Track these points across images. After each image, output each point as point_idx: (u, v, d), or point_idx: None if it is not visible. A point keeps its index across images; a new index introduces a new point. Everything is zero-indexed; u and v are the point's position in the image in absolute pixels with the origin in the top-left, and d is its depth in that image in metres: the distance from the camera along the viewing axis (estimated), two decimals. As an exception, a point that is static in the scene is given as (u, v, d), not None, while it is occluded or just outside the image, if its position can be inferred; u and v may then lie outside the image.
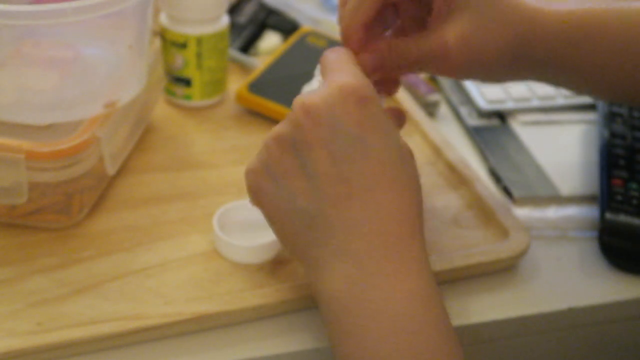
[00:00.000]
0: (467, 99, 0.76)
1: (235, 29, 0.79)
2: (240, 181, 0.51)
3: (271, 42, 0.81)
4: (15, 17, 0.51)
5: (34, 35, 0.57)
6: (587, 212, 0.64)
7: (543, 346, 0.58)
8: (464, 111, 0.74)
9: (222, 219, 0.57)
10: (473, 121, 0.73)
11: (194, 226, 0.59)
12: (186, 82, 0.71)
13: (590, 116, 0.74)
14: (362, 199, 0.46)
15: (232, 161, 0.66)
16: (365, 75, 0.51)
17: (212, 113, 0.72)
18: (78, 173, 0.55)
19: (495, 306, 0.56)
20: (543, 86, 0.76)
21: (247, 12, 0.82)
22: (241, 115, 0.72)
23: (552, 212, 0.64)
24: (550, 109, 0.75)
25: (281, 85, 0.71)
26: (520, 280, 0.58)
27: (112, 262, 0.55)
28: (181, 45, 0.69)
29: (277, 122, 0.50)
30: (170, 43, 0.69)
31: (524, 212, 0.64)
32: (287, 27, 0.81)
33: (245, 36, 0.80)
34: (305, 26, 0.80)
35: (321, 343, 0.51)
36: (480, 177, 0.64)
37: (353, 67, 0.49)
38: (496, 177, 0.67)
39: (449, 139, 0.69)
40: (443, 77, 0.78)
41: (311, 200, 0.47)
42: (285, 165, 0.48)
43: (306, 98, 0.47)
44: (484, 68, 0.55)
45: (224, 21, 0.71)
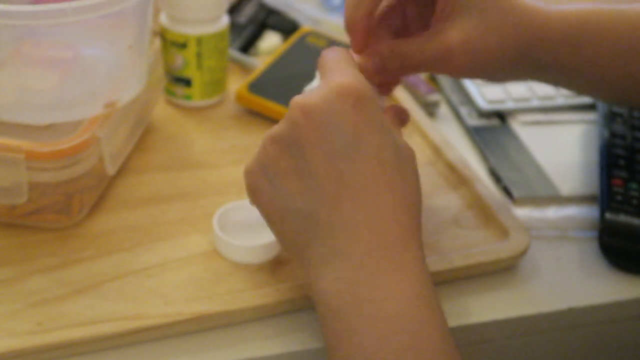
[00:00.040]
0: (467, 99, 0.76)
1: (235, 29, 0.79)
2: (240, 181, 0.51)
3: (271, 42, 0.81)
4: (15, 17, 0.51)
5: (34, 35, 0.57)
6: (587, 212, 0.64)
7: (543, 346, 0.58)
8: (464, 111, 0.74)
9: (222, 219, 0.57)
10: (473, 121, 0.73)
11: (194, 226, 0.59)
12: (186, 82, 0.71)
13: (590, 116, 0.74)
14: (358, 200, 0.46)
15: (232, 161, 0.66)
16: (365, 76, 0.51)
17: (212, 113, 0.72)
18: (78, 173, 0.55)
19: (495, 306, 0.56)
20: (543, 86, 0.76)
21: (247, 12, 0.82)
22: (241, 115, 0.72)
23: (552, 212, 0.64)
24: (550, 109, 0.75)
25: (281, 85, 0.71)
26: (520, 280, 0.58)
27: (112, 262, 0.55)
28: (181, 45, 0.69)
29: (277, 122, 0.50)
30: (170, 43, 0.69)
31: (524, 212, 0.64)
32: (287, 27, 0.81)
33: (245, 36, 0.80)
34: (305, 26, 0.80)
35: (321, 343, 0.51)
36: (480, 177, 0.64)
37: (351, 67, 0.49)
38: (496, 177, 0.67)
39: (449, 139, 0.69)
40: (443, 77, 0.78)
41: (307, 200, 0.47)
42: (281, 165, 0.48)
43: (303, 98, 0.47)
44: (486, 69, 0.55)
45: (224, 21, 0.71)
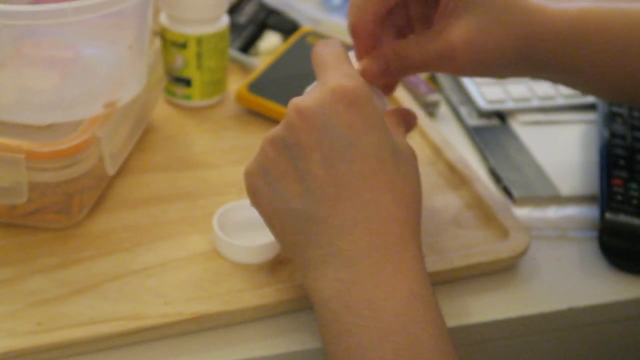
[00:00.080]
0: (467, 99, 0.76)
1: (235, 29, 0.79)
2: (240, 181, 0.51)
3: (271, 42, 0.81)
4: (15, 17, 0.51)
5: (34, 35, 0.57)
6: (587, 212, 0.64)
7: (543, 346, 0.58)
8: (464, 111, 0.74)
9: (222, 219, 0.57)
10: (473, 121, 0.73)
11: (194, 226, 0.59)
12: (186, 82, 0.71)
13: (590, 116, 0.74)
14: (357, 200, 0.46)
15: (232, 161, 0.66)
16: (369, 78, 0.52)
17: (212, 113, 0.72)
18: (78, 173, 0.55)
19: (495, 306, 0.56)
20: (543, 86, 0.76)
21: (247, 12, 0.82)
22: (241, 115, 0.72)
23: (552, 212, 0.64)
24: (550, 109, 0.75)
25: (281, 85, 0.71)
26: (520, 280, 0.58)
27: (112, 262, 0.55)
28: (181, 45, 0.69)
29: (277, 122, 0.50)
30: (170, 43, 0.69)
31: (524, 212, 0.64)
32: (287, 27, 0.81)
33: (245, 36, 0.80)
34: (305, 26, 0.80)
35: (321, 343, 0.51)
36: (480, 177, 0.64)
37: (345, 65, 0.49)
38: (496, 177, 0.67)
39: (449, 139, 0.69)
40: (443, 77, 0.78)
41: (305, 202, 0.47)
42: (280, 167, 0.48)
43: (299, 101, 0.47)
44: (488, 67, 0.55)
45: (224, 21, 0.70)
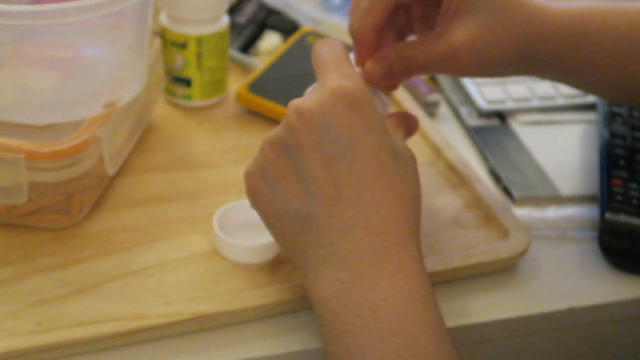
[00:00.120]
0: (467, 99, 0.76)
1: (235, 29, 0.79)
2: (240, 181, 0.51)
3: (271, 42, 0.81)
4: (15, 17, 0.51)
5: (34, 35, 0.57)
6: (587, 212, 0.64)
7: (543, 346, 0.58)
8: (464, 111, 0.74)
9: (222, 219, 0.57)
10: (473, 121, 0.73)
11: (194, 226, 0.59)
12: (186, 82, 0.71)
13: (590, 116, 0.74)
14: (356, 201, 0.46)
15: (232, 161, 0.66)
16: (372, 80, 0.51)
17: (212, 113, 0.72)
18: (78, 173, 0.55)
19: (495, 306, 0.56)
20: (543, 86, 0.76)
21: (247, 12, 0.82)
22: (241, 115, 0.72)
23: (552, 212, 0.64)
24: (550, 109, 0.75)
25: (281, 85, 0.71)
26: (520, 280, 0.58)
27: (112, 262, 0.55)
28: (181, 45, 0.69)
29: (277, 122, 0.50)
30: (170, 43, 0.69)
31: (524, 212, 0.64)
32: (287, 27, 0.81)
33: (245, 36, 0.80)
34: (305, 26, 0.80)
35: (321, 343, 0.51)
36: (480, 177, 0.64)
37: (345, 66, 0.49)
38: (496, 177, 0.67)
39: (449, 139, 0.69)
40: (443, 77, 0.78)
41: (304, 202, 0.47)
42: (279, 168, 0.48)
43: (299, 102, 0.47)
44: (490, 67, 0.55)
45: (224, 21, 0.70)
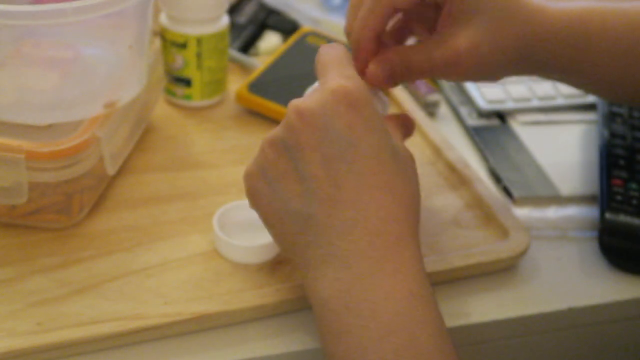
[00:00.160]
0: (467, 99, 0.76)
1: (235, 29, 0.79)
2: (240, 181, 0.51)
3: (271, 42, 0.81)
4: (15, 17, 0.51)
5: (34, 35, 0.57)
6: (587, 212, 0.64)
7: (543, 346, 0.58)
8: (464, 111, 0.74)
9: (222, 219, 0.57)
10: (473, 121, 0.73)
11: (194, 226, 0.59)
12: (186, 82, 0.71)
13: (590, 116, 0.74)
14: (357, 201, 0.46)
15: (232, 161, 0.66)
16: (375, 83, 0.52)
17: (212, 113, 0.72)
18: (78, 173, 0.55)
19: (495, 306, 0.56)
20: (543, 86, 0.76)
21: (247, 12, 0.82)
22: (241, 115, 0.72)
23: (552, 212, 0.64)
24: (550, 109, 0.75)
25: (281, 85, 0.71)
26: (520, 280, 0.58)
27: (112, 262, 0.55)
28: (181, 45, 0.69)
29: (277, 122, 0.50)
30: (170, 43, 0.69)
31: (524, 212, 0.64)
32: (287, 27, 0.81)
33: (245, 36, 0.80)
34: (305, 26, 0.80)
35: (320, 343, 0.51)
36: (480, 177, 0.64)
37: (348, 68, 0.49)
38: (496, 177, 0.67)
39: (449, 139, 0.69)
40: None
41: (304, 202, 0.47)
42: (279, 168, 0.48)
43: (299, 102, 0.47)
44: (491, 71, 0.55)
45: (224, 21, 0.70)
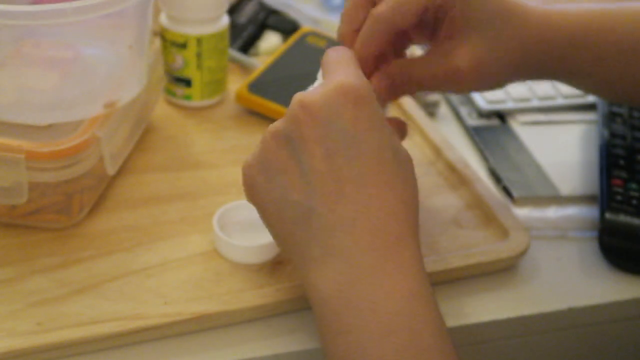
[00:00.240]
0: (467, 99, 0.76)
1: (235, 29, 0.79)
2: (240, 181, 0.51)
3: (271, 42, 0.81)
4: (15, 17, 0.51)
5: (34, 35, 0.57)
6: (587, 212, 0.64)
7: (543, 346, 0.58)
8: (464, 111, 0.74)
9: (222, 219, 0.57)
10: (473, 121, 0.73)
11: (194, 226, 0.59)
12: (186, 82, 0.71)
13: (590, 116, 0.74)
14: (358, 197, 0.46)
15: (232, 161, 0.66)
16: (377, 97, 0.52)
17: (212, 113, 0.72)
18: (78, 173, 0.55)
19: (495, 306, 0.56)
20: (543, 86, 0.76)
21: (247, 12, 0.82)
22: (241, 115, 0.72)
23: (552, 212, 0.64)
24: (550, 109, 0.75)
25: (281, 85, 0.71)
26: (520, 280, 0.58)
27: (112, 262, 0.55)
28: (181, 45, 0.69)
29: (278, 122, 0.50)
30: (170, 43, 0.69)
31: (524, 212, 0.64)
32: (287, 27, 0.81)
33: (245, 36, 0.80)
34: (305, 26, 0.80)
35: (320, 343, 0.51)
36: (480, 177, 0.64)
37: (353, 68, 0.49)
38: (496, 177, 0.67)
39: (449, 139, 0.69)
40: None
41: (305, 196, 0.47)
42: (280, 160, 0.48)
43: (304, 95, 0.47)
44: (494, 82, 0.56)
45: (224, 21, 0.71)
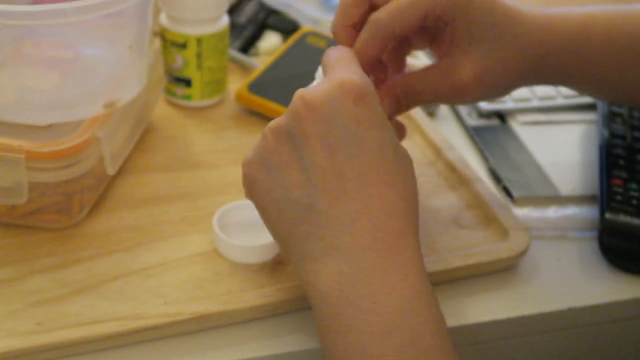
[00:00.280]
0: (467, 99, 0.76)
1: (235, 29, 0.79)
2: (240, 181, 0.51)
3: (271, 42, 0.81)
4: (15, 17, 0.51)
5: (34, 35, 0.57)
6: (587, 212, 0.64)
7: (543, 346, 0.58)
8: (464, 111, 0.74)
9: (222, 219, 0.57)
10: (473, 121, 0.73)
11: (194, 226, 0.59)
12: (186, 82, 0.71)
13: (590, 116, 0.74)
14: (359, 194, 0.46)
15: (232, 161, 0.66)
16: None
17: (212, 113, 0.72)
18: (78, 173, 0.55)
19: (495, 306, 0.56)
20: (543, 86, 0.76)
21: (247, 12, 0.82)
22: (241, 115, 0.72)
23: (552, 212, 0.64)
24: (550, 109, 0.75)
25: (281, 85, 0.71)
26: (520, 280, 0.58)
27: (112, 262, 0.55)
28: (181, 45, 0.69)
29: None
30: (170, 43, 0.69)
31: (524, 212, 0.64)
32: (287, 27, 0.81)
33: (245, 36, 0.80)
34: (305, 26, 0.80)
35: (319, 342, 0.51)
36: (480, 177, 0.64)
37: (354, 65, 0.49)
38: (496, 177, 0.67)
39: (449, 139, 0.69)
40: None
41: (306, 192, 0.46)
42: (281, 156, 0.48)
43: (306, 91, 0.47)
44: (497, 92, 0.57)
45: (224, 21, 0.71)
